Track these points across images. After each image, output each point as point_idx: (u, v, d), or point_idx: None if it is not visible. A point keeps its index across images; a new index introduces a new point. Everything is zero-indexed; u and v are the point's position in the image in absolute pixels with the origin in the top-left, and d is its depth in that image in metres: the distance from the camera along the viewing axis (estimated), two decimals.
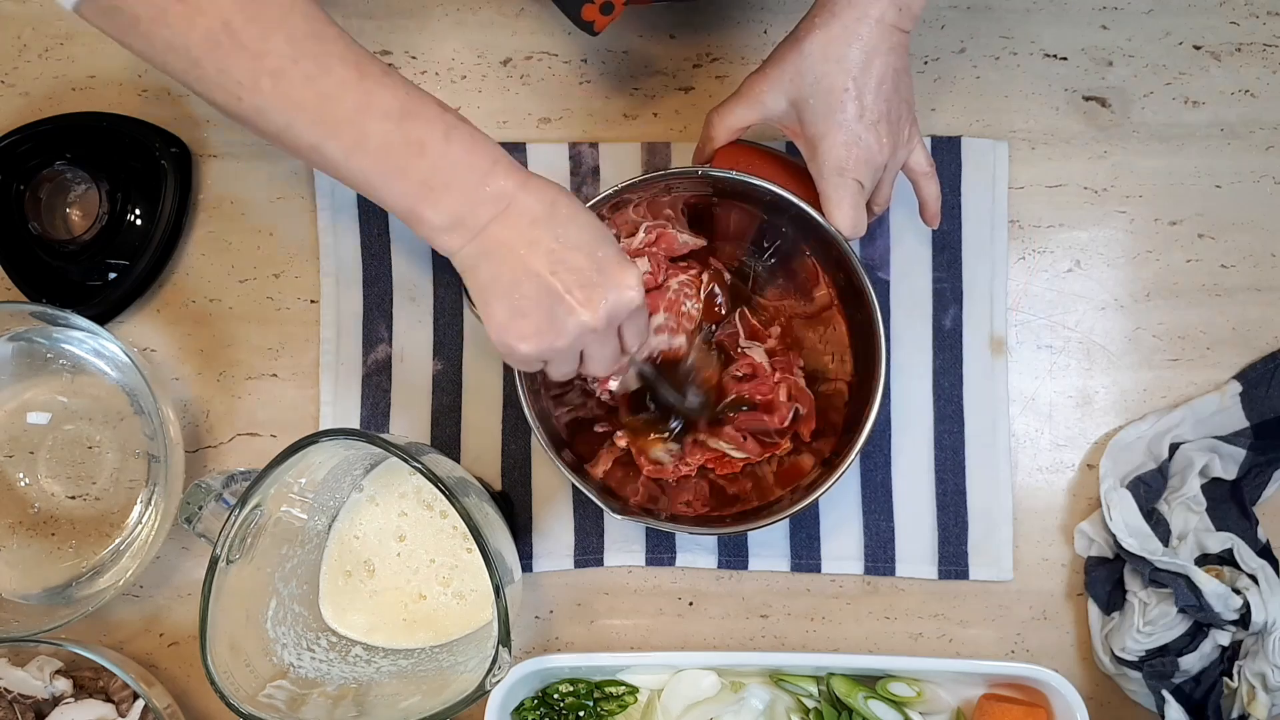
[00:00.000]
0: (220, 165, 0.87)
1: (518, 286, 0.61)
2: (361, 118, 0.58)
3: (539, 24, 0.87)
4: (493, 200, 0.60)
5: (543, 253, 0.60)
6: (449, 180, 0.59)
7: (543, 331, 0.61)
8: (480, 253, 0.60)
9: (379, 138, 0.58)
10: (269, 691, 0.72)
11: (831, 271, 0.77)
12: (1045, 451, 0.85)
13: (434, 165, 0.59)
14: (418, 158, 0.58)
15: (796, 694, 0.81)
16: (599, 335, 0.63)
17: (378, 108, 0.58)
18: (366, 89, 0.58)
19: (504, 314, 0.61)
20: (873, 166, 0.70)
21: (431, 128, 0.59)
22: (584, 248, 0.61)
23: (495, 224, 0.60)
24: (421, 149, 0.58)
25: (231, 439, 0.86)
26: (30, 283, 0.85)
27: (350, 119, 0.57)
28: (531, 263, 0.60)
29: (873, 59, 0.67)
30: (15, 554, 0.84)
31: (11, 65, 0.88)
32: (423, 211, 0.59)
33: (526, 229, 0.60)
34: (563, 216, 0.61)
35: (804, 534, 0.84)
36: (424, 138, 0.58)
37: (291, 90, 0.56)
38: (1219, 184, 0.85)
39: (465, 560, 0.80)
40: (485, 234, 0.60)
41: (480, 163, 0.60)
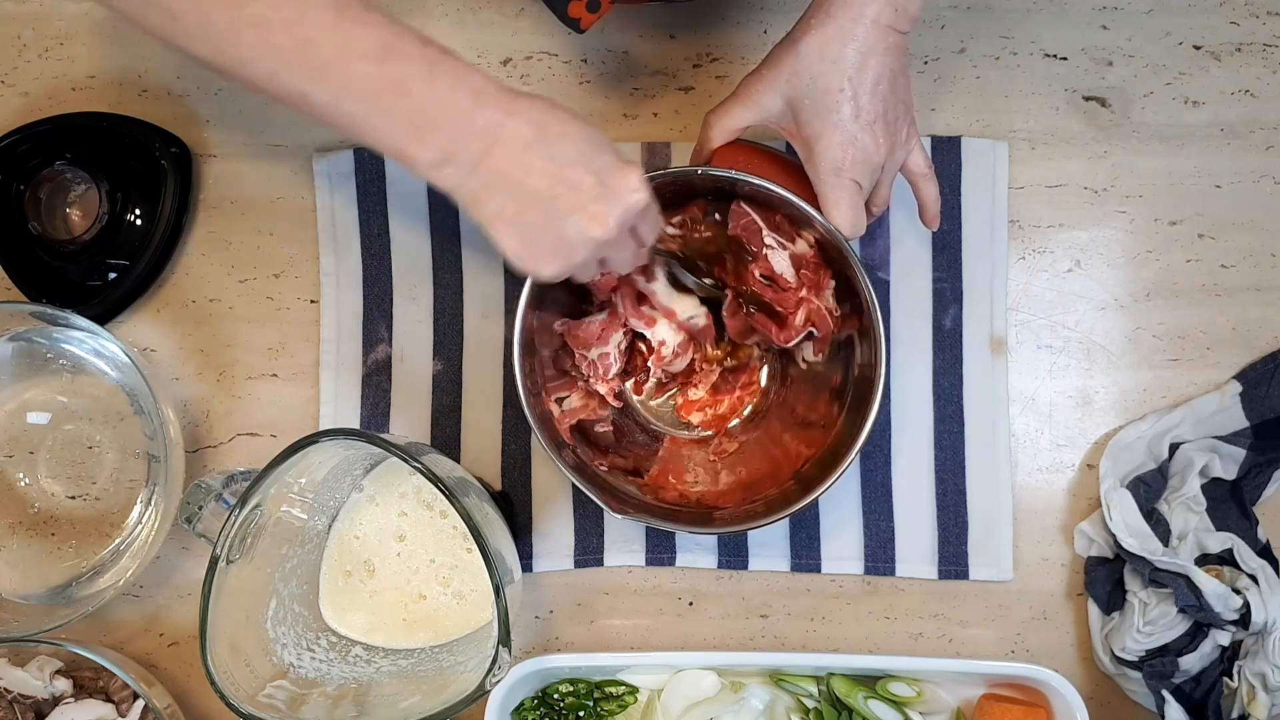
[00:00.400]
0: (220, 165, 0.87)
1: (524, 214, 0.61)
2: (343, 61, 0.57)
3: (539, 24, 0.87)
4: (482, 131, 0.59)
5: (542, 176, 0.60)
6: (436, 117, 0.59)
7: (559, 252, 0.62)
8: (480, 186, 0.60)
9: (362, 80, 0.58)
10: (269, 691, 0.72)
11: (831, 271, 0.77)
12: (1045, 451, 0.85)
13: (419, 104, 0.58)
14: (402, 97, 0.58)
15: (796, 694, 0.81)
16: (614, 242, 0.63)
17: (358, 49, 0.57)
18: (346, 30, 0.57)
19: (517, 243, 0.61)
20: (869, 167, 0.70)
21: (413, 66, 0.58)
22: (581, 161, 0.61)
23: (489, 155, 0.60)
24: (405, 88, 0.58)
25: (231, 439, 0.86)
26: (30, 283, 0.85)
27: (333, 63, 0.57)
28: (533, 188, 0.60)
29: (868, 59, 0.67)
30: (15, 554, 0.84)
31: (11, 65, 0.88)
32: (413, 151, 0.59)
33: (521, 155, 0.60)
34: (554, 134, 0.61)
35: (804, 534, 0.84)
36: (407, 76, 0.58)
37: (272, 37, 0.56)
38: (1219, 184, 0.85)
39: (465, 560, 0.80)
40: (481, 166, 0.60)
41: (464, 96, 0.59)
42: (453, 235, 0.86)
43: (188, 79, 0.87)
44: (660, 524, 0.75)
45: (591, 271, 0.66)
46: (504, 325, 0.86)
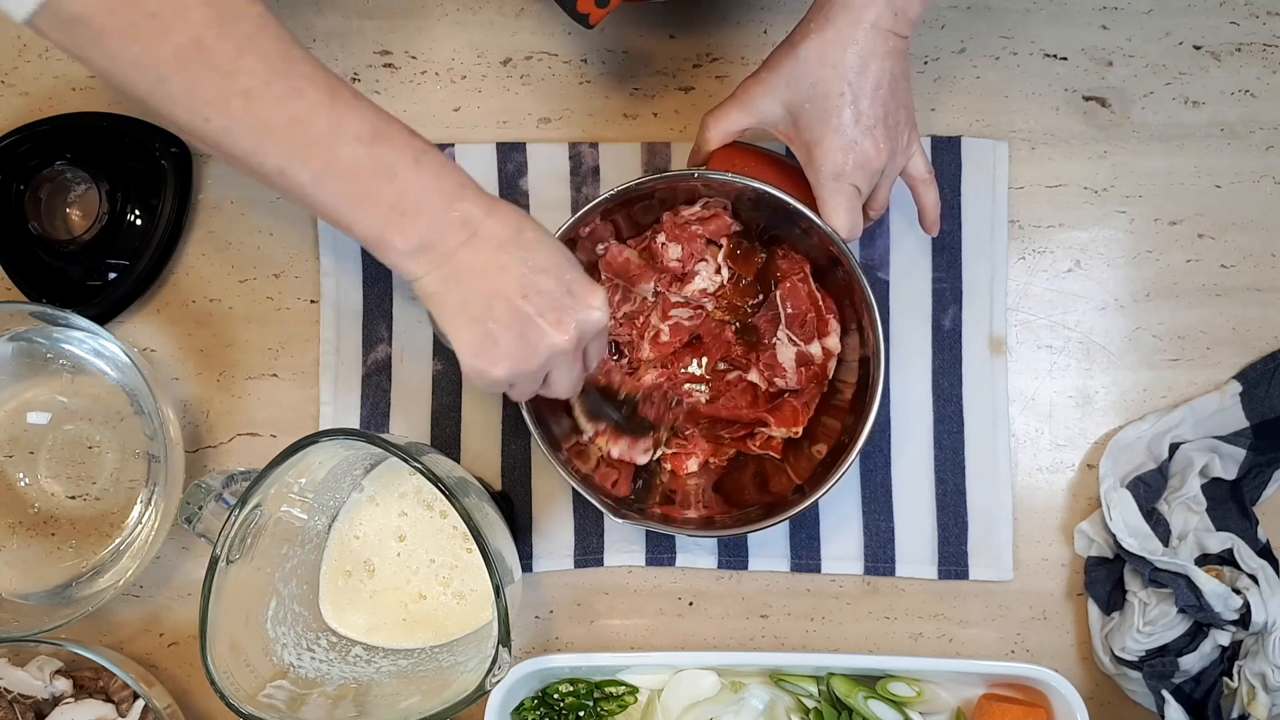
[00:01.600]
0: (220, 165, 0.87)
1: (490, 311, 0.60)
2: (332, 141, 0.57)
3: (539, 24, 0.87)
4: (460, 225, 0.59)
5: (513, 277, 0.60)
6: (419, 205, 0.58)
7: (514, 355, 0.61)
8: (449, 277, 0.60)
9: (349, 161, 0.57)
10: (269, 691, 0.72)
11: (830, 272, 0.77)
12: (1045, 451, 0.85)
13: (404, 190, 0.58)
14: (388, 182, 0.58)
15: (796, 694, 0.81)
16: (568, 357, 0.63)
17: (349, 131, 0.57)
18: (338, 112, 0.57)
19: (475, 339, 0.61)
20: (869, 171, 0.70)
21: (401, 153, 0.58)
22: (552, 271, 0.61)
23: (464, 249, 0.60)
24: (392, 173, 0.58)
25: (231, 439, 0.86)
26: (30, 283, 0.85)
27: (321, 142, 0.57)
28: (502, 287, 0.60)
29: (868, 63, 0.67)
30: (15, 554, 0.84)
31: (11, 65, 0.88)
32: (391, 237, 0.59)
33: (495, 253, 0.60)
34: (529, 241, 0.61)
35: (804, 534, 0.84)
36: (394, 162, 0.58)
37: (262, 111, 0.55)
38: (1219, 184, 0.85)
39: (465, 560, 0.80)
40: (454, 259, 0.60)
41: (448, 187, 0.59)
42: None
43: None
44: (661, 528, 0.75)
45: (533, 385, 0.65)
46: None
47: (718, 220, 0.78)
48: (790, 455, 0.80)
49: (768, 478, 0.80)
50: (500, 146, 0.86)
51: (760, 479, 0.80)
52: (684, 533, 0.77)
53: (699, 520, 0.78)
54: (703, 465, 0.82)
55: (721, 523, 0.77)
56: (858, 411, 0.75)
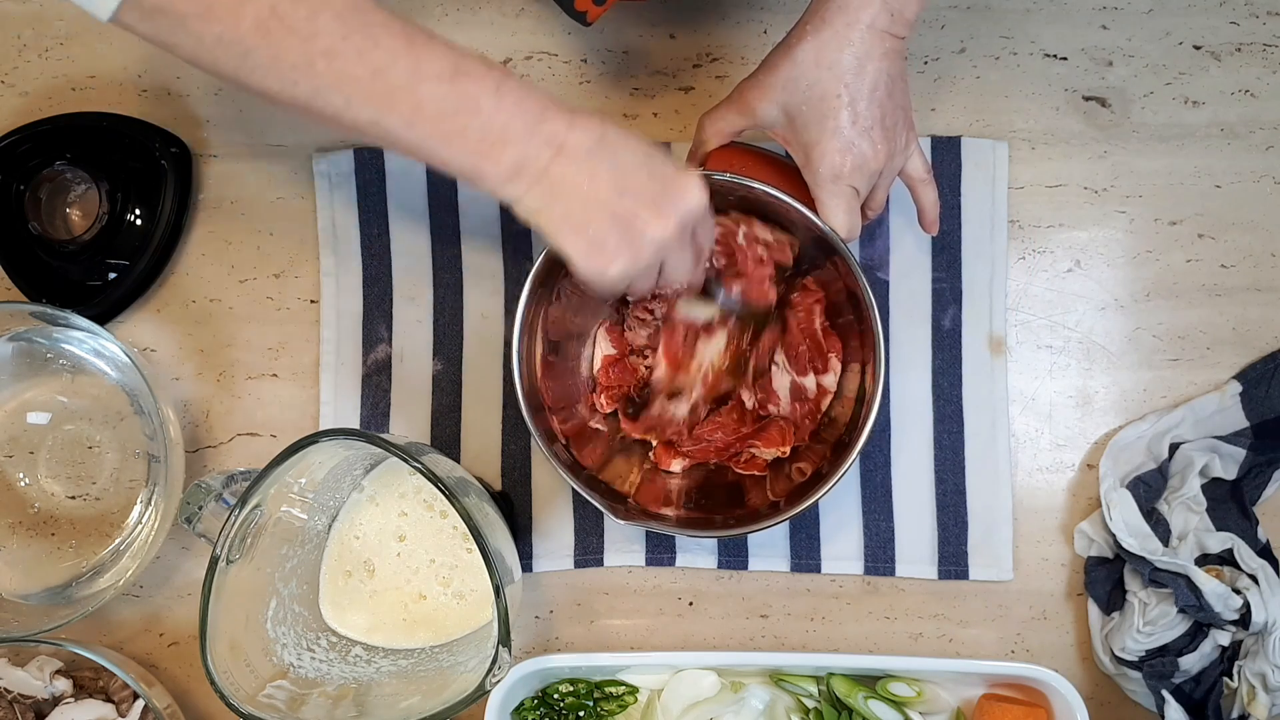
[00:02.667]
0: (220, 165, 0.87)
1: (590, 218, 0.62)
2: (416, 84, 0.58)
3: (539, 24, 0.87)
4: (547, 143, 0.61)
5: (605, 181, 0.62)
6: (505, 133, 0.60)
7: (624, 253, 0.63)
8: (546, 193, 0.61)
9: (434, 102, 0.59)
10: (269, 691, 0.72)
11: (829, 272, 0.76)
12: (1045, 451, 0.85)
13: (489, 120, 0.60)
14: (473, 116, 0.59)
15: (796, 694, 0.81)
16: (676, 245, 0.64)
17: (429, 71, 0.59)
18: (416, 55, 0.58)
19: (584, 246, 0.62)
20: (867, 173, 0.70)
21: (483, 84, 0.60)
22: (641, 167, 0.63)
23: (554, 164, 0.61)
24: (476, 107, 0.59)
25: (231, 439, 0.86)
26: (30, 283, 0.85)
27: (406, 87, 0.58)
28: (597, 192, 0.62)
29: (865, 65, 0.67)
30: (15, 554, 0.84)
31: (11, 65, 0.88)
32: (485, 167, 0.60)
33: (584, 162, 0.61)
34: (613, 143, 0.62)
35: (804, 534, 0.84)
36: (477, 95, 0.59)
37: (346, 67, 0.57)
38: (1219, 184, 0.85)
39: (465, 560, 0.80)
40: (547, 175, 0.61)
41: (531, 111, 0.61)
42: (453, 235, 0.86)
43: (188, 79, 0.87)
44: (661, 528, 0.75)
45: (650, 279, 0.66)
46: (504, 325, 0.86)
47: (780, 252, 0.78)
48: (772, 472, 0.80)
49: (745, 491, 0.80)
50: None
51: (737, 492, 0.80)
52: (684, 533, 0.77)
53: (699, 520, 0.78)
54: (686, 470, 0.82)
55: (721, 523, 0.77)
56: (857, 411, 0.75)
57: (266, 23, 0.55)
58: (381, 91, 0.58)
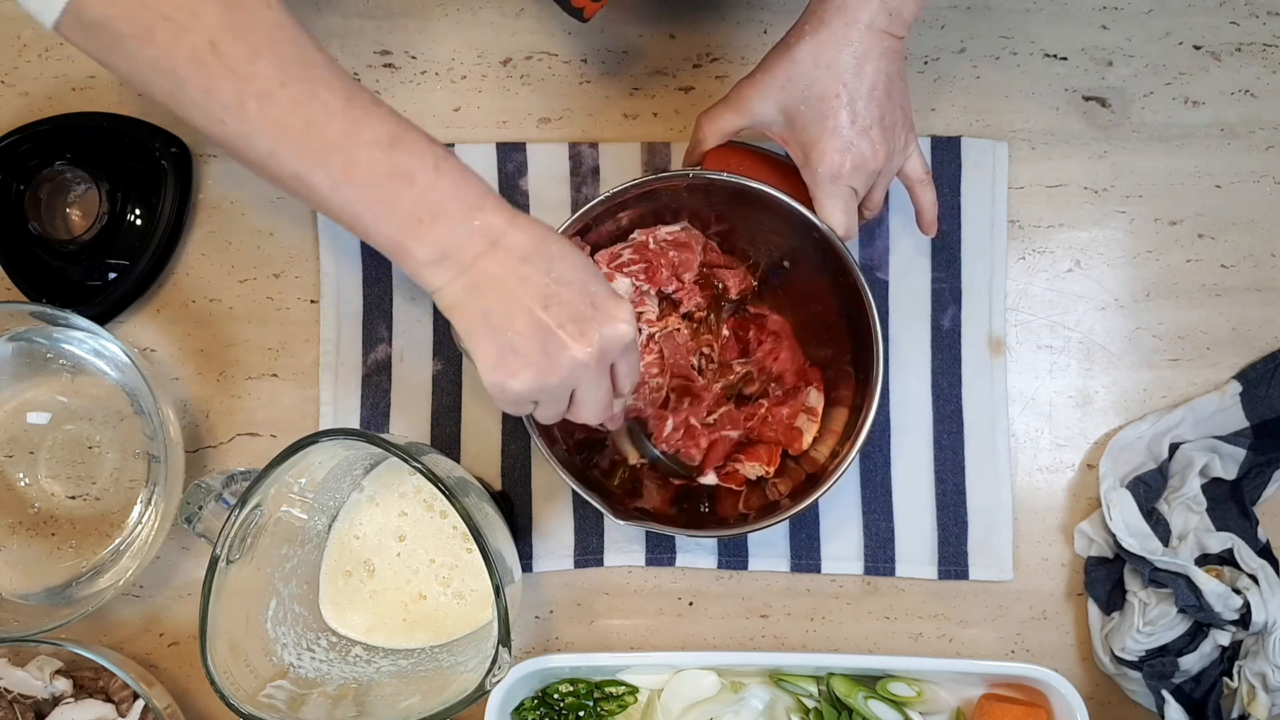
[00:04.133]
0: (220, 165, 0.87)
1: (510, 322, 0.59)
2: (349, 145, 0.56)
3: (539, 24, 0.87)
4: (482, 234, 0.58)
5: (535, 288, 0.59)
6: (438, 212, 0.57)
7: (536, 367, 0.59)
8: (469, 287, 0.59)
9: (366, 167, 0.56)
10: (269, 691, 0.72)
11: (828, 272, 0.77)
12: (1045, 451, 0.85)
13: (423, 196, 0.57)
14: (407, 188, 0.57)
15: (796, 694, 0.81)
16: (592, 372, 0.61)
17: (366, 136, 0.56)
18: (355, 117, 0.56)
19: (495, 351, 0.59)
20: (866, 172, 0.70)
21: (421, 159, 0.57)
22: (576, 284, 0.60)
23: (485, 258, 0.58)
24: (410, 179, 0.57)
25: (231, 439, 0.86)
26: (30, 283, 0.85)
27: (338, 146, 0.56)
28: (524, 298, 0.59)
29: (864, 65, 0.67)
30: (15, 554, 0.84)
31: (11, 65, 0.88)
32: (411, 245, 0.58)
33: (517, 264, 0.59)
34: (553, 253, 0.60)
35: (804, 534, 0.84)
36: (413, 168, 0.57)
37: (278, 115, 0.55)
38: (1219, 184, 0.85)
39: (465, 560, 0.80)
40: (475, 268, 0.58)
41: (469, 196, 0.58)
42: None
43: None
44: (661, 529, 0.75)
45: (558, 405, 0.63)
46: None
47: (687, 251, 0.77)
48: (749, 488, 0.81)
49: (717, 500, 0.80)
50: (500, 146, 0.86)
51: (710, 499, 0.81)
52: (684, 533, 0.77)
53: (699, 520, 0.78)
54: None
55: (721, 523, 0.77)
56: (857, 412, 0.75)
57: (204, 56, 0.53)
58: (313, 147, 0.56)
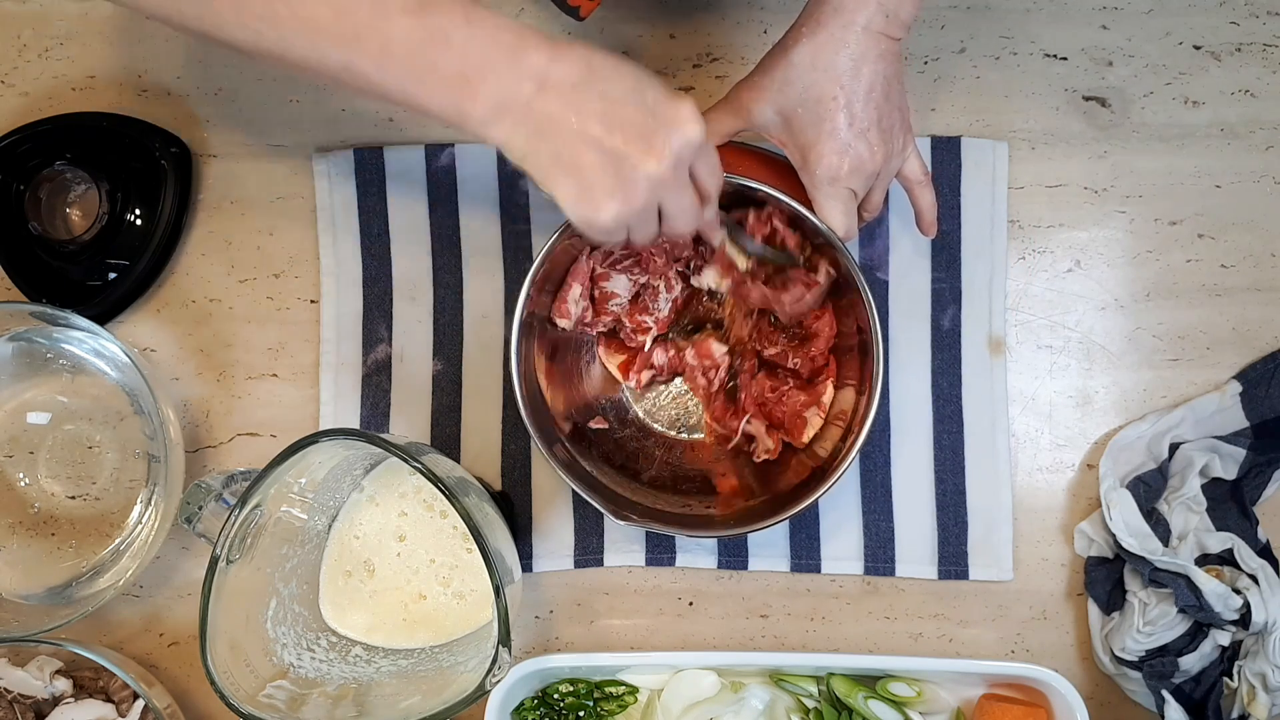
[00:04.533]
0: (220, 165, 0.87)
1: (579, 157, 0.58)
2: (380, 20, 0.56)
3: (539, 24, 0.87)
4: (529, 76, 0.58)
5: (593, 115, 0.58)
6: (482, 67, 0.57)
7: (616, 193, 0.59)
8: (532, 133, 0.58)
9: (403, 38, 0.57)
10: (269, 691, 0.72)
11: None
12: (1045, 451, 0.85)
13: (463, 54, 0.57)
14: (445, 50, 0.57)
15: (796, 694, 0.81)
16: (672, 183, 0.60)
17: (394, 6, 0.56)
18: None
19: (574, 188, 0.59)
20: (864, 174, 0.70)
21: (451, 16, 0.57)
22: (631, 97, 0.59)
23: (538, 99, 0.58)
24: (446, 39, 0.57)
25: (231, 439, 0.86)
26: (30, 283, 0.85)
27: (371, 25, 0.56)
28: (586, 128, 0.58)
29: (861, 66, 0.67)
30: (15, 554, 0.84)
31: (11, 65, 0.88)
32: (465, 107, 0.58)
33: (570, 96, 0.58)
34: (601, 73, 0.59)
35: (804, 534, 0.84)
36: (447, 27, 0.57)
37: (308, 10, 0.56)
38: (1219, 184, 0.85)
39: (465, 560, 0.80)
40: (532, 112, 0.58)
41: (507, 41, 0.58)
42: (453, 236, 0.86)
43: (188, 79, 0.87)
44: (661, 529, 0.75)
45: (650, 225, 0.62)
46: (504, 325, 0.86)
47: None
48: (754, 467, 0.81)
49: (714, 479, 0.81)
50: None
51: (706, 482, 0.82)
52: (684, 533, 0.77)
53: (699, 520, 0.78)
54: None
55: (721, 523, 0.77)
56: (857, 412, 0.75)
57: None
58: (348, 32, 0.56)
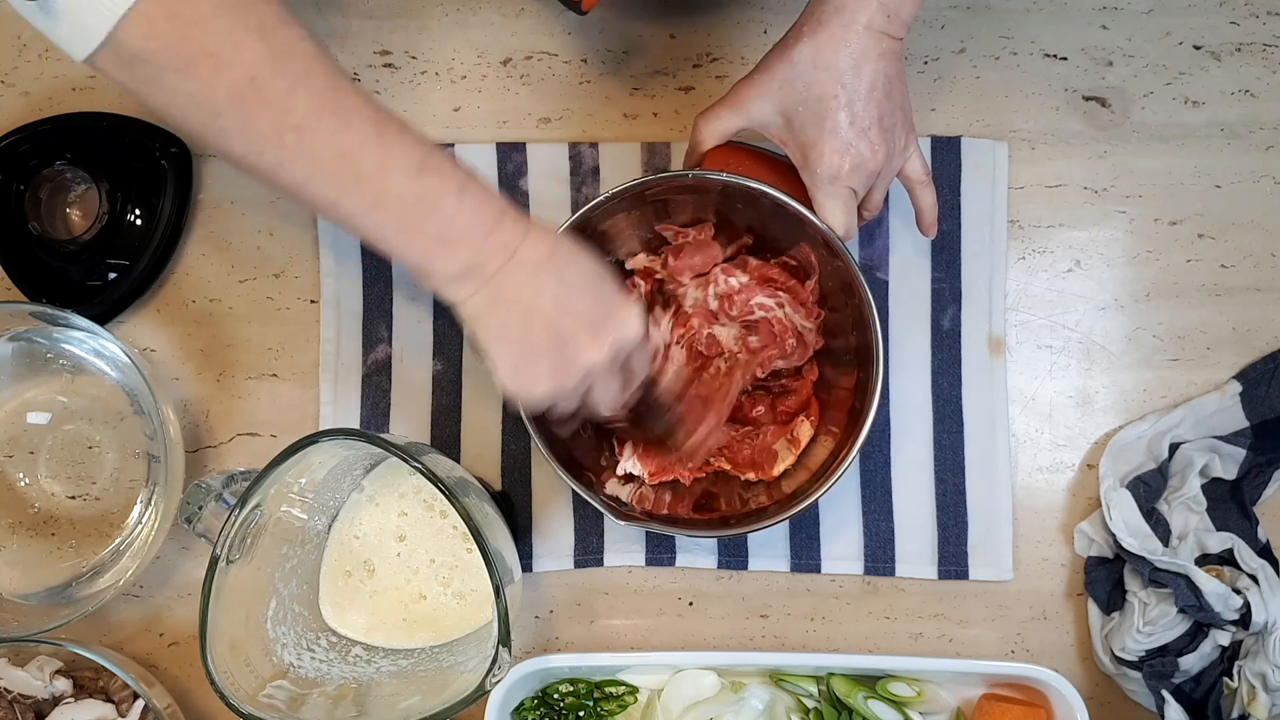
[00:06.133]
0: (220, 165, 0.87)
1: (528, 331, 0.62)
2: (381, 174, 0.58)
3: (539, 24, 0.87)
4: (500, 249, 0.61)
5: (550, 296, 0.62)
6: (462, 235, 0.60)
7: (554, 373, 0.63)
8: (489, 300, 0.61)
9: (397, 194, 0.58)
10: (269, 691, 0.72)
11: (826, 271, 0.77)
12: (1045, 451, 0.85)
13: (449, 221, 0.60)
14: (433, 213, 0.59)
15: (796, 694, 0.81)
16: (604, 374, 0.65)
17: (397, 163, 0.58)
18: (386, 145, 0.58)
19: (514, 359, 0.63)
20: (865, 173, 0.70)
21: (446, 184, 0.59)
22: (586, 288, 0.63)
23: (502, 272, 0.61)
24: (437, 205, 0.59)
25: (231, 439, 0.86)
26: (30, 283, 0.85)
27: (370, 176, 0.58)
28: (540, 307, 0.62)
29: (862, 65, 0.67)
30: (15, 554, 0.84)
31: (11, 65, 0.88)
32: (436, 266, 0.60)
33: (532, 274, 0.62)
34: (564, 259, 0.63)
35: (804, 534, 0.84)
36: (439, 193, 0.59)
37: (314, 146, 0.56)
38: (1219, 184, 0.85)
39: (465, 560, 0.80)
40: (493, 282, 0.61)
41: (489, 215, 0.61)
42: None
43: None
44: (661, 528, 0.75)
45: (574, 401, 0.66)
46: None
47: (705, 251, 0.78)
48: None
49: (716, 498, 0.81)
50: (500, 146, 0.86)
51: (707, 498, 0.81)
52: (684, 533, 0.77)
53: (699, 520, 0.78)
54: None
55: (721, 523, 0.77)
56: (857, 412, 0.75)
57: (244, 90, 0.54)
58: (347, 175, 0.58)
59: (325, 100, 0.56)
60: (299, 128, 0.56)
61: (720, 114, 0.73)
